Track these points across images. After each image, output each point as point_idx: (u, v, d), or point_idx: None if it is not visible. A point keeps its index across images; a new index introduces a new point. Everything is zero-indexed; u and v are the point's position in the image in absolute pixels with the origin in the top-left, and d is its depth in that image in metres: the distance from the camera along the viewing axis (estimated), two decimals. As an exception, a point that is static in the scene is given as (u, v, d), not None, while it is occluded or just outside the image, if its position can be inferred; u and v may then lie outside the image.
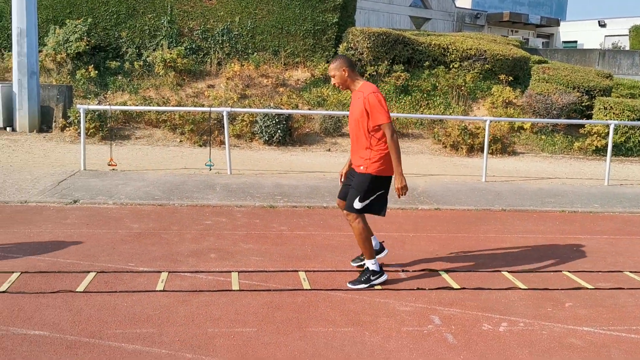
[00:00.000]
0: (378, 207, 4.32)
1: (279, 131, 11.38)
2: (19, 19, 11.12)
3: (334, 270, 4.62)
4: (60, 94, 11.76)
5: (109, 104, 11.42)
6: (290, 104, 12.79)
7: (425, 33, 16.76)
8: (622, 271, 4.97)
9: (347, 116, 12.91)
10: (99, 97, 12.93)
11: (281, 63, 14.47)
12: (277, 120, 11.34)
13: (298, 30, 14.61)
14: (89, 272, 4.38)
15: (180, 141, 11.47)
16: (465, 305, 4.03)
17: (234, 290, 4.14)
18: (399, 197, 4.26)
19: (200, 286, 4.19)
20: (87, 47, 13.40)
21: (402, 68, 14.13)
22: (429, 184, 8.44)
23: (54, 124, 11.61)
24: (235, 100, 12.76)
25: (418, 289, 4.30)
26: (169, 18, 14.24)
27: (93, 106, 9.45)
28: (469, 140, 11.61)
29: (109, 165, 8.45)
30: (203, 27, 14.40)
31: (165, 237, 5.39)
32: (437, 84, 14.29)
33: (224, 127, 11.70)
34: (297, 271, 4.60)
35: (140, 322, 3.56)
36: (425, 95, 14.08)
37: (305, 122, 12.22)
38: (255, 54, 14.20)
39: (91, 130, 11.03)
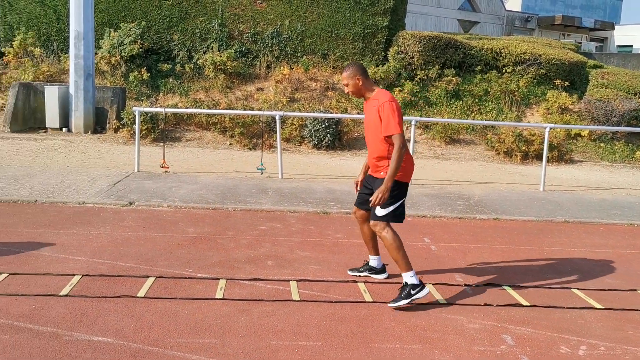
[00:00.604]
0: (400, 214, 4.12)
1: (329, 135, 11.27)
2: (77, 22, 11.37)
3: (394, 283, 4.45)
4: (115, 96, 11.97)
5: (162, 107, 11.55)
6: (339, 108, 12.68)
7: (477, 37, 16.37)
8: None
9: (404, 121, 12.73)
10: (150, 99, 13.12)
11: (330, 66, 14.38)
12: (326, 124, 11.25)
13: (347, 34, 14.48)
14: (148, 276, 4.35)
15: (230, 144, 11.50)
16: (538, 324, 3.81)
17: (295, 301, 4.03)
18: (375, 202, 3.95)
19: (260, 295, 4.10)
20: (140, 49, 13.61)
21: (454, 72, 13.82)
22: (485, 192, 8.17)
23: (107, 125, 11.82)
24: (284, 103, 12.73)
25: (485, 304, 4.09)
26: (219, 21, 14.34)
27: (148, 108, 9.56)
28: (523, 148, 11.24)
29: (162, 167, 8.51)
30: (253, 30, 14.44)
31: (221, 243, 5.34)
32: (489, 89, 13.93)
33: (274, 131, 11.70)
34: (356, 282, 4.46)
35: (202, 332, 3.48)
36: (476, 100, 13.74)
37: (354, 127, 12.07)
38: (305, 57, 14.13)
39: (143, 132, 11.16)
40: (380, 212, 4.05)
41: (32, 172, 7.93)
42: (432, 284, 4.44)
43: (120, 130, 11.41)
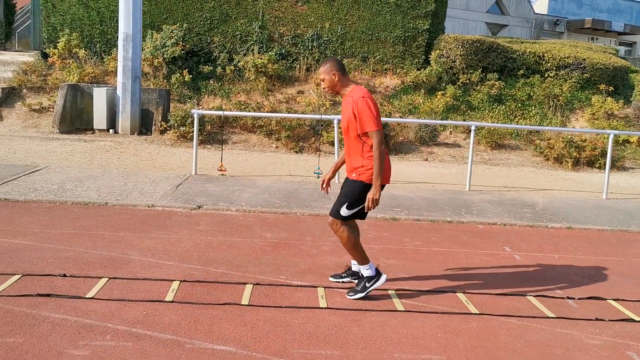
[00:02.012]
0: (363, 213, 4.08)
1: (376, 139, 11.18)
2: (126, 24, 11.42)
3: (495, 294, 4.37)
4: (160, 98, 12.01)
5: (222, 109, 11.56)
6: (383, 111, 12.60)
7: (519, 40, 16.21)
8: None
9: (444, 125, 12.65)
10: (192, 100, 13.15)
11: (370, 69, 14.32)
12: (373, 128, 11.15)
13: (388, 37, 14.41)
14: (245, 283, 4.32)
15: (277, 147, 11.48)
16: (656, 340, 3.71)
17: (400, 311, 3.97)
18: (367, 209, 3.94)
19: (363, 305, 4.05)
20: (182, 51, 13.65)
21: (496, 77, 13.69)
22: (547, 199, 8.05)
23: (153, 127, 11.85)
24: (327, 106, 12.69)
25: (597, 319, 4.00)
26: (260, 23, 14.34)
27: (207, 111, 9.57)
28: (574, 154, 11.07)
29: (219, 170, 8.50)
30: (293, 32, 14.42)
31: (303, 249, 5.30)
32: (532, 94, 13.77)
33: (319, 134, 11.67)
34: (455, 292, 4.38)
35: (320, 342, 3.44)
36: (519, 105, 13.59)
37: (400, 130, 11.99)
38: (346, 60, 14.07)
39: (190, 135, 11.18)
40: (345, 212, 3.99)
41: (93, 174, 7.95)
42: (533, 296, 4.36)
43: (167, 132, 11.43)
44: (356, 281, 4.33)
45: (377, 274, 4.11)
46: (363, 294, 4.08)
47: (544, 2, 36.36)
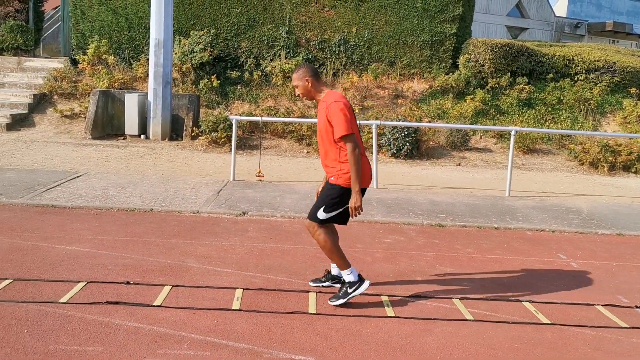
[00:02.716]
0: (344, 218, 4.03)
1: (407, 144, 11.15)
2: (157, 30, 11.48)
3: (562, 303, 4.30)
4: (191, 103, 12.05)
5: (260, 115, 11.57)
6: (413, 116, 12.55)
7: (548, 44, 16.08)
8: None
9: (474, 130, 12.55)
10: (221, 106, 13.18)
11: (397, 74, 14.26)
12: (405, 132, 11.12)
13: (415, 41, 14.35)
14: (307, 291, 4.28)
15: (308, 152, 11.46)
16: None
17: (470, 321, 3.91)
18: (352, 216, 3.87)
19: (429, 313, 4.00)
20: (210, 57, 13.69)
21: (525, 80, 13.58)
22: (590, 205, 7.94)
23: (184, 133, 11.89)
24: (357, 111, 12.64)
25: (671, 329, 3.91)
26: (287, 29, 14.35)
27: (244, 117, 9.56)
28: (610, 158, 10.93)
29: (257, 176, 8.49)
30: (320, 37, 14.41)
31: (356, 256, 5.25)
32: (562, 98, 13.63)
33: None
34: (519, 301, 4.32)
35: (397, 352, 3.39)
36: (549, 109, 13.45)
37: (432, 135, 11.92)
38: (373, 64, 14.03)
39: (222, 140, 11.21)
40: (322, 215, 3.92)
41: (133, 180, 7.97)
42: (601, 305, 4.28)
43: (199, 137, 11.46)
44: (338, 285, 4.27)
45: (360, 280, 4.00)
46: (344, 300, 3.98)
47: (563, 5, 36.14)
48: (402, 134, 11.12)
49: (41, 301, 3.85)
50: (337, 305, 3.99)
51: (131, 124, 11.67)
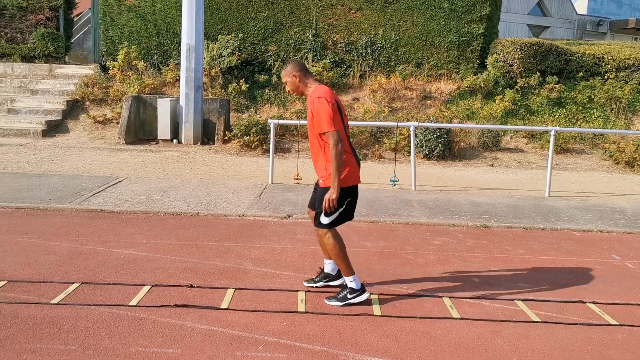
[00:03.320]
0: (347, 216, 4.04)
1: (440, 145, 11.12)
2: (189, 35, 11.59)
3: (625, 304, 4.27)
4: (222, 107, 12.14)
5: (298, 119, 11.62)
6: (443, 117, 12.52)
7: (577, 42, 15.94)
8: None
9: (506, 131, 12.48)
10: (250, 110, 13.26)
11: (424, 75, 14.23)
12: (438, 134, 11.10)
13: (442, 42, 14.32)
14: (370, 293, 4.29)
15: (339, 154, 11.46)
16: None
17: (538, 322, 3.90)
18: (325, 209, 3.83)
19: (495, 315, 3.99)
20: (238, 61, 13.79)
21: (556, 79, 13.47)
22: (633, 205, 7.87)
23: (216, 137, 11.98)
24: (386, 113, 12.66)
25: None
26: (313, 31, 14.40)
27: (283, 121, 9.63)
28: (646, 157, 10.81)
29: (295, 179, 8.53)
30: (346, 39, 14.44)
31: (408, 257, 5.27)
32: (592, 96, 13.51)
33: (380, 141, 11.64)
34: (582, 302, 4.29)
35: (470, 354, 3.40)
36: (580, 108, 13.33)
37: (464, 136, 11.88)
38: (400, 66, 14.02)
39: (255, 143, 11.28)
40: (325, 220, 3.93)
41: (173, 184, 8.06)
42: (667, 306, 4.24)
43: (231, 141, 11.54)
44: (332, 283, 4.30)
45: (362, 289, 4.03)
46: (341, 304, 3.99)
47: (584, 3, 35.75)
48: (434, 135, 11.10)
49: (112, 304, 3.92)
50: (332, 305, 4.00)
51: (163, 129, 11.78)
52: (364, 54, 14.42)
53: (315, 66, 13.73)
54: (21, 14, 14.47)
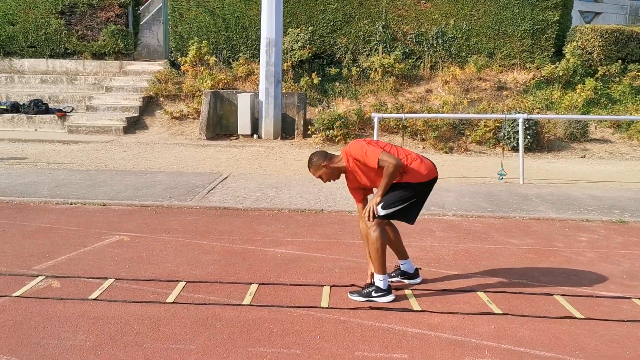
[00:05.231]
0: (411, 214, 3.98)
1: (529, 137, 10.84)
2: (269, 29, 11.51)
3: None
4: (300, 101, 12.06)
5: (403, 112, 11.50)
6: (524, 107, 12.22)
7: (656, 28, 15.38)
8: None
9: (592, 121, 12.07)
10: (323, 103, 13.15)
11: (497, 65, 13.91)
12: (526, 125, 10.81)
13: (515, 31, 13.98)
14: (550, 294, 4.14)
15: (424, 147, 11.31)
16: None
17: None
18: (368, 217, 3.82)
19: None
20: (309, 54, 13.68)
21: (639, 67, 13.03)
22: None
23: (296, 131, 11.90)
24: (465, 104, 12.41)
25: None
26: (383, 23, 14.20)
27: (388, 114, 9.51)
28: None
29: (398, 173, 8.37)
30: (417, 30, 14.20)
31: (566, 255, 5.08)
32: (676, 84, 13.04)
33: (462, 134, 11.38)
34: None
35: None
36: (665, 96, 12.88)
37: (552, 127, 11.58)
38: (474, 56, 13.73)
39: (338, 137, 11.17)
40: (381, 211, 3.83)
41: (279, 180, 8.01)
42: None
43: (314, 135, 11.45)
44: (407, 281, 4.23)
45: (388, 290, 3.91)
46: (364, 300, 3.89)
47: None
48: (523, 127, 10.80)
49: (303, 306, 3.83)
50: (354, 300, 3.92)
51: (244, 124, 11.75)
52: (434, 45, 14.17)
53: (387, 58, 13.53)
54: (91, 11, 14.59)
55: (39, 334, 3.32)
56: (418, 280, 4.31)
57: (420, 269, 4.45)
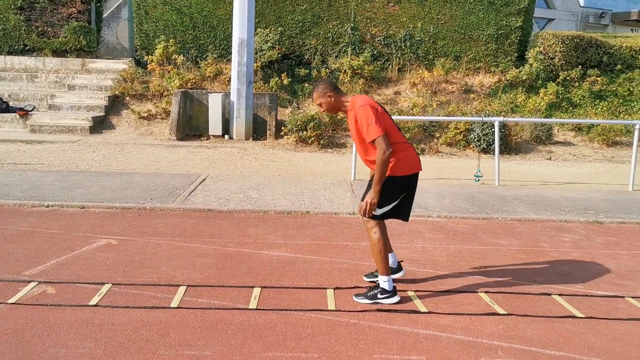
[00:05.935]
0: (403, 211, 4.00)
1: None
2: (241, 29, 11.39)
3: None
4: (272, 102, 11.98)
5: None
6: (491, 111, 12.51)
7: (613, 35, 16.04)
8: None
9: (552, 124, 12.53)
10: (292, 104, 13.11)
11: (463, 68, 14.20)
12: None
13: (480, 35, 14.29)
14: (548, 294, 4.25)
15: (396, 149, 11.40)
16: None
17: None
18: (364, 214, 3.87)
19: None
20: (279, 55, 13.61)
21: (597, 72, 13.55)
22: None
23: (267, 132, 11.82)
24: (434, 107, 12.60)
25: None
26: (352, 25, 14.27)
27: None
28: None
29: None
30: (385, 33, 14.34)
31: (554, 256, 5.22)
32: (632, 89, 13.62)
33: (433, 136, 11.57)
34: None
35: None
36: (621, 100, 13.44)
37: (520, 130, 11.89)
38: (442, 59, 13.97)
39: (312, 139, 11.15)
40: (377, 211, 3.88)
41: (258, 181, 7.93)
42: None
43: (286, 136, 11.39)
44: (392, 275, 4.17)
45: (393, 291, 3.95)
46: (370, 302, 3.91)
47: (583, -5, 36.03)
48: (493, 130, 11.07)
49: (310, 309, 3.80)
50: (359, 302, 3.93)
51: (215, 124, 11.59)
52: (402, 48, 14.34)
53: (357, 60, 13.61)
54: (52, 7, 14.09)
55: (44, 343, 3.18)
56: (402, 273, 4.31)
57: (402, 261, 4.49)
